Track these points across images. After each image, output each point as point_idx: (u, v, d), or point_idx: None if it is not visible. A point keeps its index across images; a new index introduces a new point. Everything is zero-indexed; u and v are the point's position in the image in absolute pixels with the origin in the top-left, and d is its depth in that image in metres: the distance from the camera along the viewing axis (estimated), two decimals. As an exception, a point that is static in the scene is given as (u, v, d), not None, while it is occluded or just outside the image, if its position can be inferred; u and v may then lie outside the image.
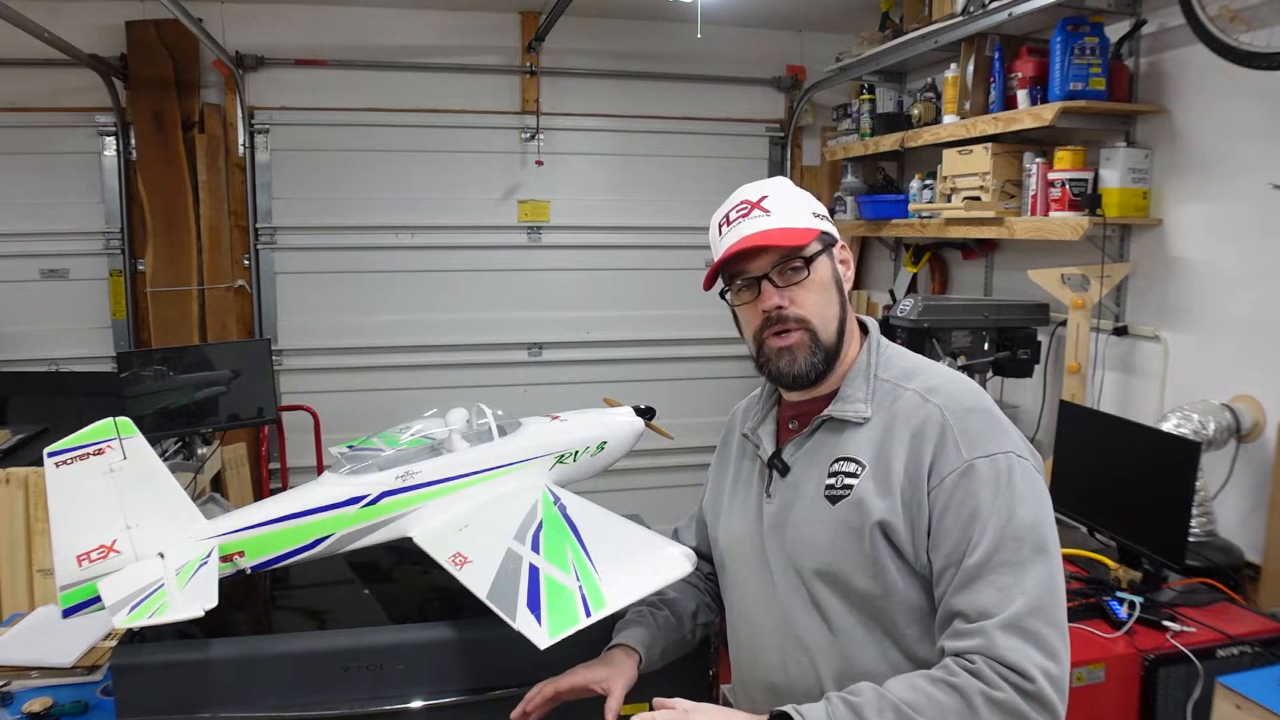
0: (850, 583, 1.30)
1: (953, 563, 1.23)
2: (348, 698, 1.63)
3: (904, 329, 3.18)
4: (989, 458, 1.25)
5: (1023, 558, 1.20)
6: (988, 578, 1.19)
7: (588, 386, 4.73)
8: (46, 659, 1.82)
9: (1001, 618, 1.16)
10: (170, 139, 4.25)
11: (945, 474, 1.25)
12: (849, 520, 1.30)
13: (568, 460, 2.02)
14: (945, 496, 1.24)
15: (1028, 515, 1.22)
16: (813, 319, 1.35)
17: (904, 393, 1.34)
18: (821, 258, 1.37)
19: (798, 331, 1.35)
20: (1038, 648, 1.15)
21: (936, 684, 1.16)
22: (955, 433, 1.27)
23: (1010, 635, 1.16)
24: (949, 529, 1.24)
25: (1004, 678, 1.14)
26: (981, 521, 1.21)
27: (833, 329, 1.37)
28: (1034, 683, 1.14)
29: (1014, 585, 1.18)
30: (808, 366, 1.36)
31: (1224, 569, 2.50)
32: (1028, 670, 1.14)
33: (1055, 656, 1.16)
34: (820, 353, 1.36)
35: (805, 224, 1.37)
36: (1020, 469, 1.25)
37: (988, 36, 3.36)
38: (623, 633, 1.53)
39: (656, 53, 4.76)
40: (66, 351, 4.27)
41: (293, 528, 1.71)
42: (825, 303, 1.37)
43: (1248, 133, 2.72)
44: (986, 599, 1.18)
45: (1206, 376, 2.86)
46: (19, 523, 2.78)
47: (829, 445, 1.37)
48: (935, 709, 1.14)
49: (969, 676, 1.15)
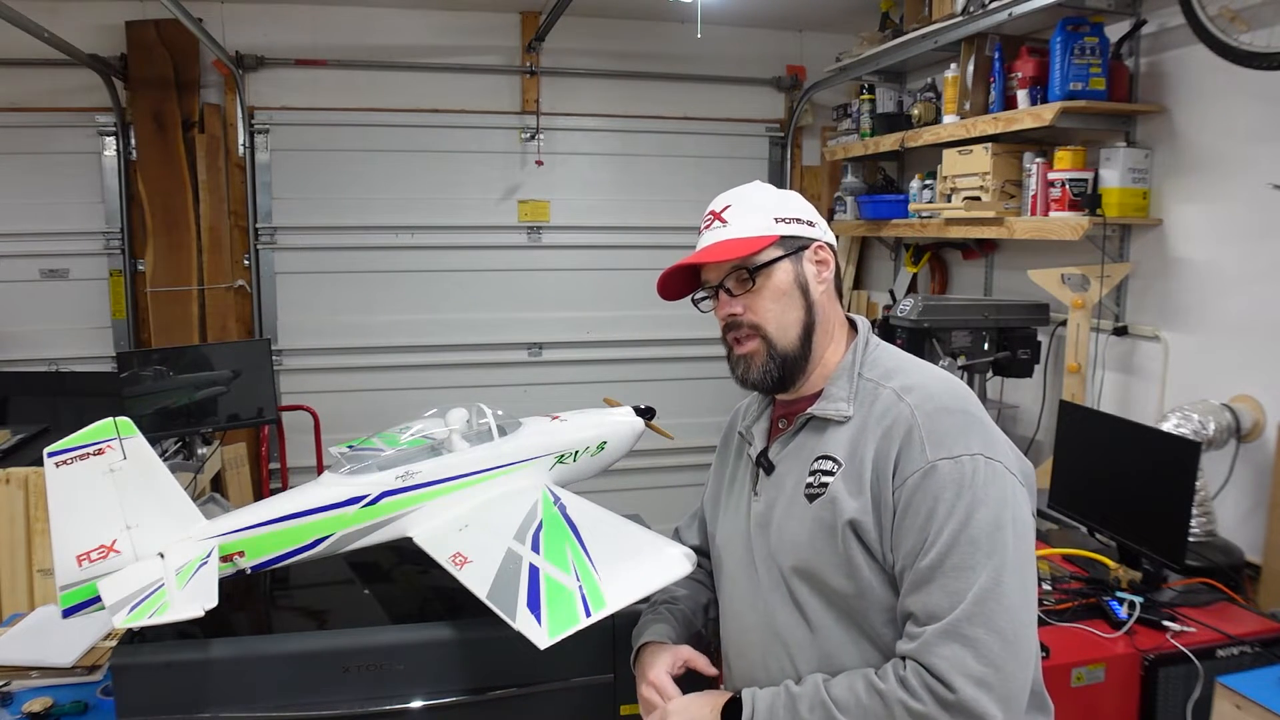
0: (826, 581, 1.31)
1: (909, 564, 1.23)
2: (348, 698, 1.62)
3: (904, 329, 3.18)
4: (953, 459, 1.23)
5: (975, 561, 1.18)
6: (939, 580, 1.19)
7: (588, 386, 4.74)
8: (46, 659, 1.82)
9: (942, 624, 1.17)
10: (170, 139, 4.25)
11: (908, 474, 1.24)
12: (823, 519, 1.30)
13: (568, 460, 2.02)
14: (907, 496, 1.24)
15: (986, 518, 1.20)
16: (766, 325, 1.37)
17: (883, 391, 1.33)
18: (780, 264, 1.38)
19: (752, 340, 1.39)
20: (975, 655, 1.15)
21: (868, 688, 1.20)
22: (923, 432, 1.26)
23: (947, 642, 1.16)
24: (908, 530, 1.23)
25: (927, 687, 1.15)
26: (938, 523, 1.20)
27: (793, 335, 1.38)
28: (955, 693, 1.13)
29: (963, 589, 1.17)
30: (762, 374, 1.39)
31: (1224, 569, 2.50)
32: (951, 680, 1.14)
33: (993, 663, 1.15)
34: (777, 360, 1.38)
35: (760, 232, 1.37)
36: (986, 471, 1.23)
37: (988, 36, 3.37)
38: (648, 630, 1.53)
39: (656, 53, 4.76)
40: (66, 351, 4.27)
41: (293, 528, 1.71)
42: (783, 309, 1.38)
43: (1248, 133, 2.72)
44: (935, 602, 1.18)
45: (1206, 376, 2.86)
46: (19, 523, 2.78)
47: (811, 444, 1.37)
48: (860, 712, 1.18)
49: (895, 684, 1.18)
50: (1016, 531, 1.22)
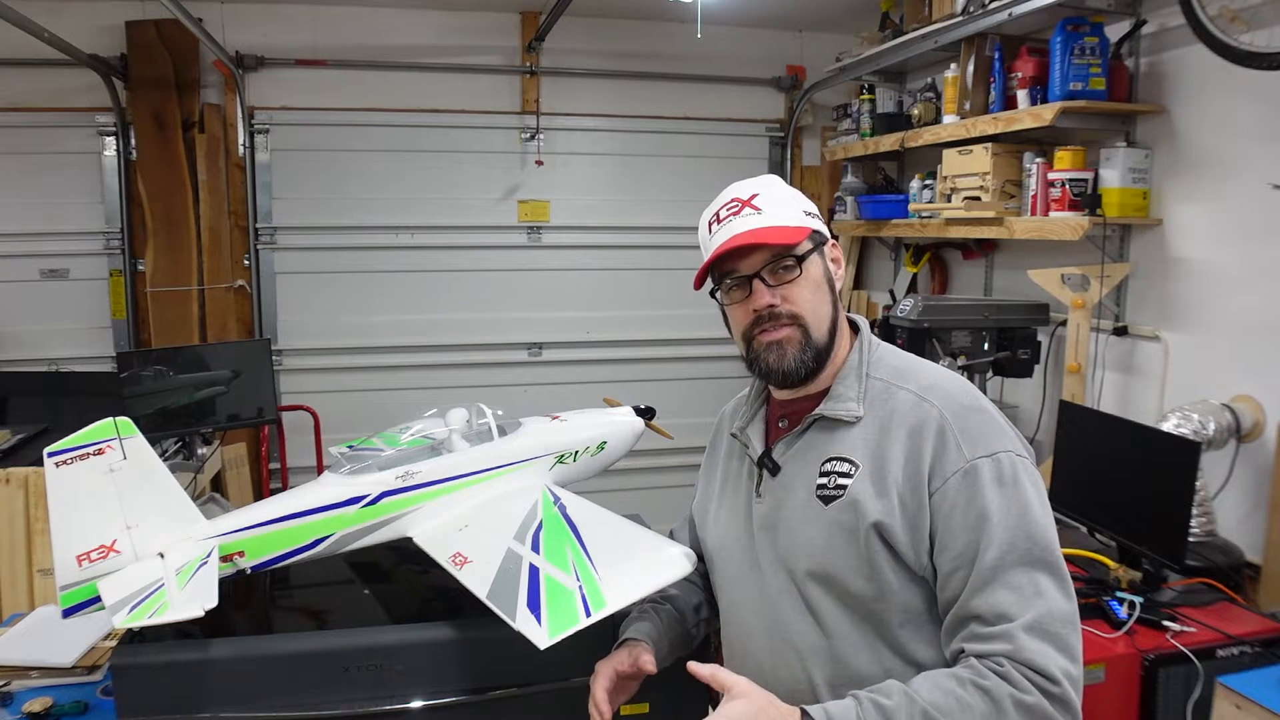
0: (844, 584, 1.30)
1: (963, 564, 1.22)
2: (348, 698, 1.62)
3: (904, 329, 3.18)
4: (991, 457, 1.24)
5: (1036, 557, 1.20)
6: (1003, 579, 1.19)
7: (588, 386, 4.74)
8: (46, 659, 1.82)
9: (1024, 620, 1.16)
10: (170, 139, 4.25)
11: (948, 475, 1.24)
12: (843, 521, 1.29)
13: (568, 460, 2.02)
14: (950, 498, 1.24)
15: (1040, 515, 1.23)
16: (806, 315, 1.35)
17: (899, 392, 1.33)
18: (814, 256, 1.37)
19: (789, 327, 1.34)
20: (1059, 649, 1.16)
21: (965, 686, 1.16)
22: (955, 433, 1.26)
23: (1034, 638, 1.16)
24: (957, 531, 1.23)
25: (1032, 681, 1.14)
26: (992, 522, 1.21)
27: (825, 328, 1.37)
28: (1059, 685, 1.14)
29: (1029, 585, 1.18)
30: (797, 363, 1.35)
31: (1224, 569, 2.50)
32: (1052, 673, 1.14)
33: (1075, 657, 1.18)
34: (811, 350, 1.35)
35: (797, 222, 1.36)
36: (1024, 468, 1.26)
37: (988, 36, 3.36)
38: (631, 628, 1.53)
39: (656, 53, 4.76)
40: (66, 351, 4.27)
41: (293, 528, 1.71)
42: (819, 301, 1.37)
43: (1248, 133, 2.72)
44: (1003, 600, 1.18)
45: (1206, 376, 2.86)
46: (19, 523, 2.78)
47: (820, 445, 1.36)
48: (965, 713, 1.14)
49: (998, 680, 1.15)
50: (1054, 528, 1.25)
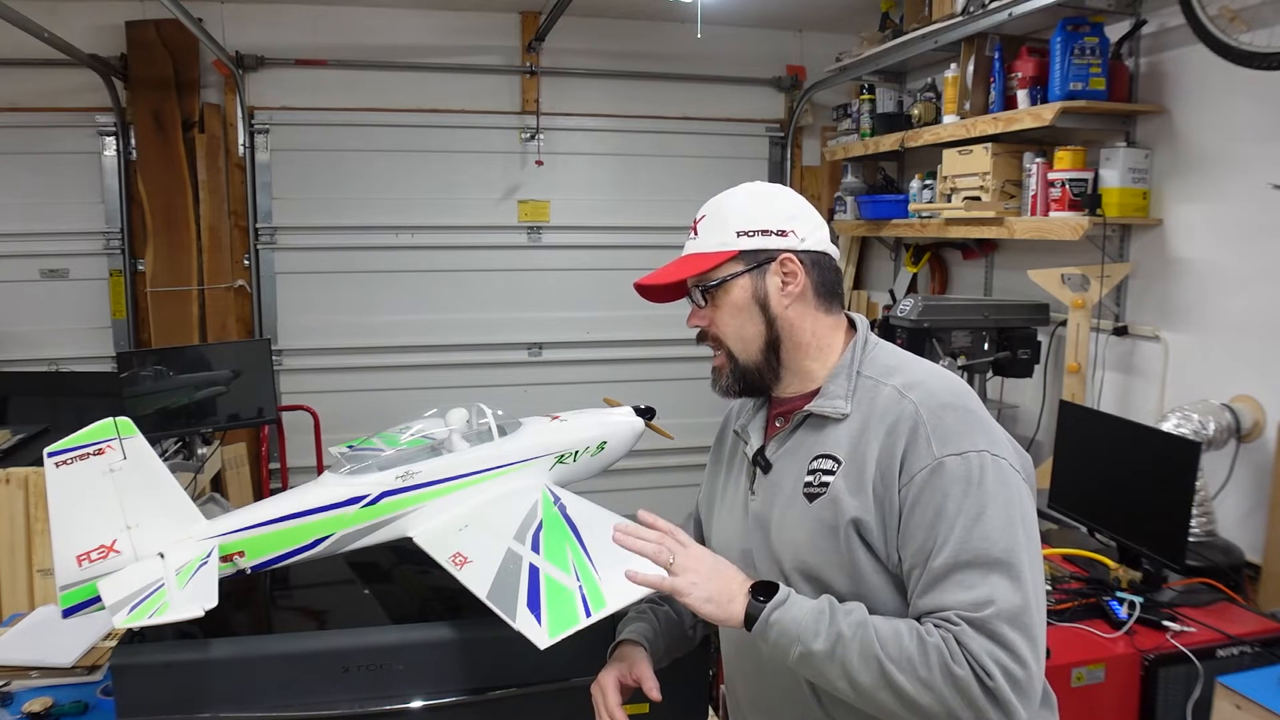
0: (828, 582, 1.30)
1: (919, 562, 1.21)
2: (348, 698, 1.62)
3: (904, 329, 3.18)
4: (960, 455, 1.22)
5: (993, 559, 1.17)
6: (954, 577, 1.18)
7: (588, 386, 4.73)
8: (46, 659, 1.82)
9: (971, 620, 1.15)
10: (170, 139, 4.25)
11: (915, 471, 1.23)
12: (824, 518, 1.29)
13: (568, 460, 2.02)
14: (914, 494, 1.23)
15: (997, 515, 1.20)
16: (726, 340, 1.41)
17: (883, 388, 1.32)
18: (738, 280, 1.38)
19: (719, 351, 1.44)
20: (1005, 650, 1.14)
21: (911, 631, 1.18)
22: (928, 429, 1.25)
23: (978, 635, 1.15)
24: (916, 527, 1.22)
25: (968, 661, 1.14)
26: (948, 521, 1.19)
27: (754, 349, 1.39)
28: (992, 679, 1.13)
29: (980, 586, 1.17)
30: (725, 387, 1.45)
31: (1224, 569, 2.50)
32: (988, 667, 1.13)
33: (1021, 661, 1.15)
34: (737, 373, 1.42)
35: (718, 248, 1.38)
36: (993, 468, 1.22)
37: (988, 36, 3.37)
38: (627, 628, 1.53)
39: (656, 53, 4.76)
40: (66, 351, 4.27)
41: (293, 528, 1.71)
42: (741, 324, 1.39)
43: (1248, 133, 2.72)
44: (952, 600, 1.17)
45: (1206, 376, 2.86)
46: (19, 523, 2.78)
47: (809, 442, 1.36)
48: (898, 648, 1.16)
49: (939, 642, 1.15)
50: (1026, 531, 1.22)
